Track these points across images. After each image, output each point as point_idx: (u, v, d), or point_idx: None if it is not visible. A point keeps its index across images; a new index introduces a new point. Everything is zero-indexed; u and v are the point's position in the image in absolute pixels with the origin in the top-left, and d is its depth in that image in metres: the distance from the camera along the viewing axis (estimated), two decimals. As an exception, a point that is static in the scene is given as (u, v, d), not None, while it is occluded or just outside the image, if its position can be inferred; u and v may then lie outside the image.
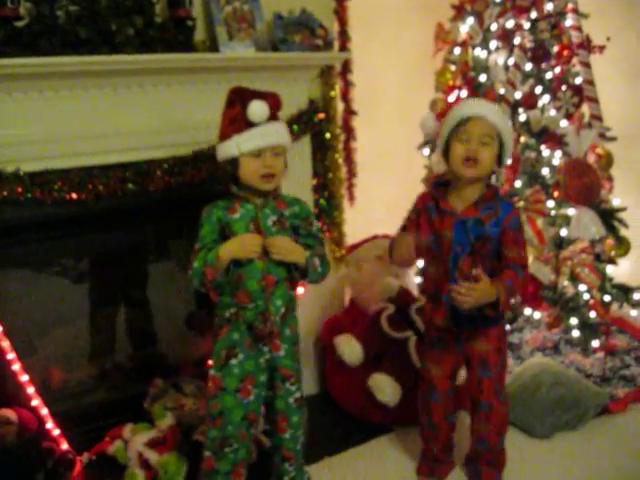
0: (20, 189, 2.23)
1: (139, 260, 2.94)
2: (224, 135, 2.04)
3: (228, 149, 2.01)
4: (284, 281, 2.08)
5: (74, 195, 2.32)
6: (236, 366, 2.09)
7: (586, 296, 3.23)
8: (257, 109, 1.97)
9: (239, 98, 2.00)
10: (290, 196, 2.17)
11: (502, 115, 2.23)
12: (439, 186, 2.28)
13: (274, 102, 2.03)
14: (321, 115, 2.90)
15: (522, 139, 3.27)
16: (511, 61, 3.28)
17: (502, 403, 2.34)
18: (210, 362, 2.17)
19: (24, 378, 2.43)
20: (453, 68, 3.58)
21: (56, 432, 2.49)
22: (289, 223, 2.10)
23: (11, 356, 2.40)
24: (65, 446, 2.49)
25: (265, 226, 2.05)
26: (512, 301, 2.31)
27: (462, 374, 2.46)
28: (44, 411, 2.47)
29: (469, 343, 2.30)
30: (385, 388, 2.74)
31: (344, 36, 3.11)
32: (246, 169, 2.01)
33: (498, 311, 2.15)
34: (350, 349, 2.89)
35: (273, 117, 2.02)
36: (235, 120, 2.00)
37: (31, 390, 2.45)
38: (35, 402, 2.46)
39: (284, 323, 2.12)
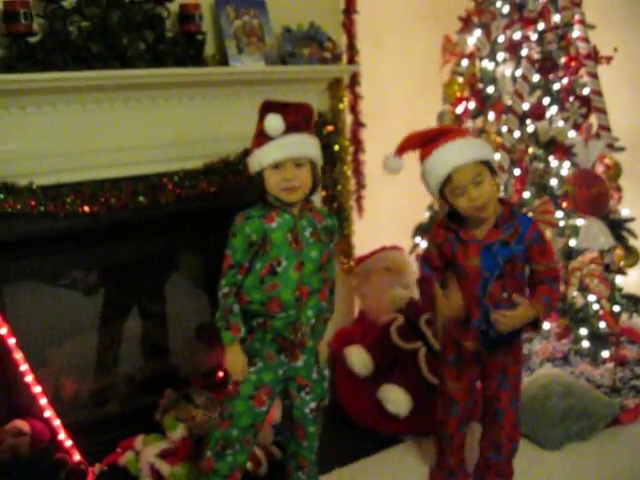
0: (33, 202, 2.26)
1: (150, 272, 2.95)
2: (251, 150, 2.06)
3: (252, 163, 2.03)
4: (317, 292, 2.08)
5: (86, 208, 2.35)
6: (253, 374, 2.09)
7: (595, 306, 3.22)
8: (271, 123, 1.96)
9: (263, 112, 2.00)
10: (324, 209, 2.17)
11: (478, 142, 2.15)
12: (452, 216, 2.21)
13: (296, 114, 2.00)
14: (330, 127, 2.92)
15: (530, 150, 3.28)
16: (518, 72, 3.29)
17: (513, 408, 2.33)
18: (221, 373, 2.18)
19: (37, 389, 2.45)
20: (461, 80, 3.60)
21: (68, 443, 2.50)
22: (322, 236, 2.09)
23: (24, 367, 2.42)
24: (77, 457, 2.50)
25: (303, 237, 2.05)
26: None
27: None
28: (57, 422, 2.48)
29: (489, 356, 2.28)
30: (395, 399, 2.74)
31: (352, 49, 3.14)
32: (269, 182, 2.01)
33: (538, 329, 2.17)
34: (360, 360, 2.90)
35: (294, 129, 1.99)
36: (258, 135, 2.02)
37: (44, 401, 2.46)
38: (48, 413, 2.47)
39: (312, 334, 2.12)
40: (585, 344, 3.25)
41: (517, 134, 3.26)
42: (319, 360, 2.21)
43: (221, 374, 2.15)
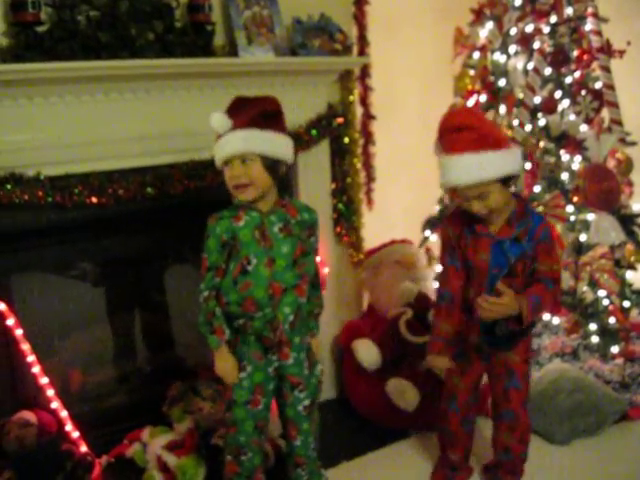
0: (40, 193, 2.25)
1: (158, 264, 2.96)
2: None
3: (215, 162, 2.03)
4: (293, 289, 2.05)
5: (94, 199, 2.34)
6: (245, 379, 2.09)
7: (605, 302, 3.20)
8: (213, 120, 1.95)
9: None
10: (302, 203, 2.15)
11: (485, 163, 1.99)
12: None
13: (249, 109, 1.97)
14: (340, 120, 2.91)
15: (541, 144, 3.25)
16: (530, 65, 3.26)
17: (526, 412, 2.32)
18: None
19: (44, 381, 2.45)
20: (472, 72, 3.57)
21: (75, 434, 2.50)
22: (296, 230, 2.07)
23: (31, 359, 2.42)
24: (84, 448, 2.50)
25: (272, 233, 2.03)
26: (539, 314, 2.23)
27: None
28: (63, 413, 2.49)
29: (496, 353, 2.27)
30: (403, 393, 2.74)
31: (363, 41, 3.12)
32: (226, 180, 2.00)
33: (522, 325, 2.11)
34: (368, 354, 2.89)
35: (240, 125, 1.95)
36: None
37: (51, 392, 2.47)
38: (55, 404, 2.48)
39: (293, 331, 2.10)
40: (595, 339, 3.23)
41: (528, 128, 3.23)
42: (309, 356, 2.19)
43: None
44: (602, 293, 3.20)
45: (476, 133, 2.03)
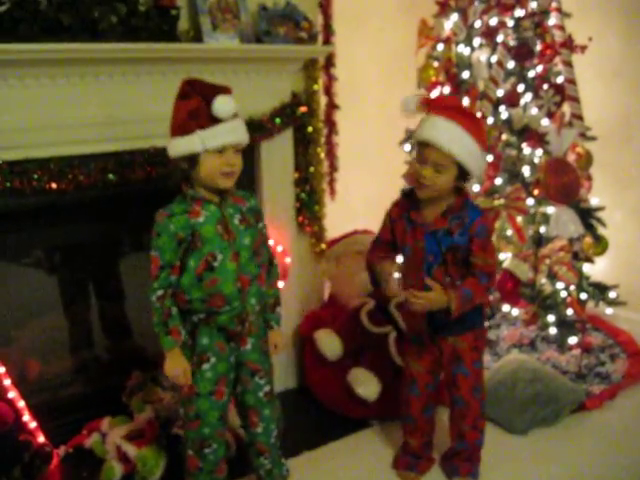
0: (-2, 178, 2.20)
1: (118, 251, 2.92)
2: (183, 129, 1.93)
3: (191, 145, 1.92)
4: (256, 278, 2.05)
5: (54, 185, 2.29)
6: (208, 370, 2.06)
7: (563, 294, 3.26)
8: (224, 104, 1.89)
9: (197, 91, 1.92)
10: (241, 190, 2.10)
11: (461, 140, 2.06)
12: (411, 193, 2.24)
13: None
14: (304, 108, 2.89)
15: (503, 137, 3.29)
16: (494, 59, 3.29)
17: (477, 399, 2.35)
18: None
19: (0, 370, 2.40)
20: (436, 64, 3.59)
21: (33, 425, 2.47)
22: (251, 219, 2.06)
23: (-13, 347, 2.38)
24: (42, 439, 2.47)
25: (234, 226, 2.00)
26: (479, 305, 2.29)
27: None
28: (21, 404, 2.45)
29: (444, 340, 2.30)
30: (364, 383, 2.75)
31: (328, 30, 3.10)
32: (207, 166, 1.92)
33: (450, 317, 2.17)
34: (330, 344, 2.90)
35: (236, 115, 1.96)
36: (197, 115, 1.91)
37: (7, 382, 2.42)
38: (12, 394, 2.43)
39: (257, 320, 2.11)
40: (552, 331, 3.29)
41: (491, 120, 3.26)
42: (268, 345, 2.18)
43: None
44: (560, 285, 3.25)
45: (476, 123, 2.16)
